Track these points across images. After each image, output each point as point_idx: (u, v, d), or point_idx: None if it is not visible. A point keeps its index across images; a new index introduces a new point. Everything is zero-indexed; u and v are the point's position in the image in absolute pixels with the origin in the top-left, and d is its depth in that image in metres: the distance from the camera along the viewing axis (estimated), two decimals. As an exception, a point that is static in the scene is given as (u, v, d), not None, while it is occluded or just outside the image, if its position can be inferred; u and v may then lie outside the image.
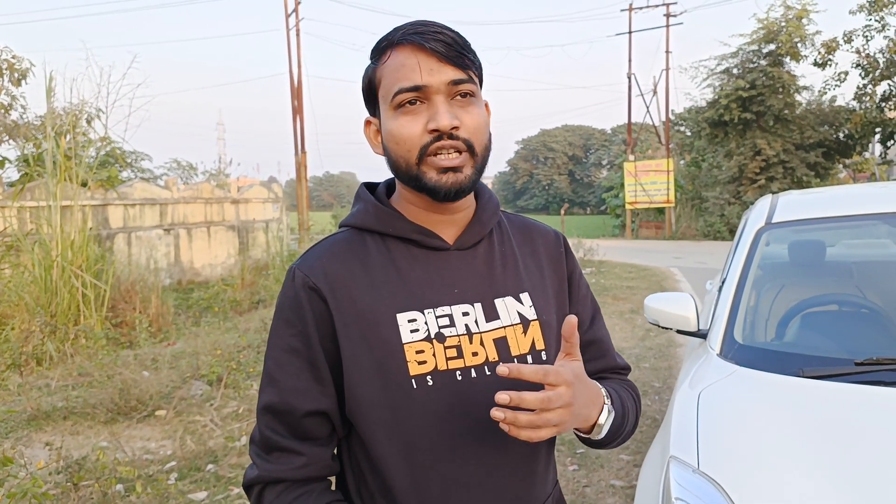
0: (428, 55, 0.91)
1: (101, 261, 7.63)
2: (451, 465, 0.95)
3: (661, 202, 24.01)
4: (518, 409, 0.83)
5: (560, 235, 1.16)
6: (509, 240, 1.08)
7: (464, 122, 0.92)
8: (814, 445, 1.51)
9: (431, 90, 0.91)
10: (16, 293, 6.81)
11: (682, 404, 1.81)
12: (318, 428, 0.97)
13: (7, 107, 12.63)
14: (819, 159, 21.48)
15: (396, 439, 0.94)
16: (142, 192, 12.05)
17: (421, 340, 0.94)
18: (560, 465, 3.67)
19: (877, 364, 1.76)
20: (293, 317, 0.96)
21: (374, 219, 1.00)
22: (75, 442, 4.18)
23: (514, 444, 0.98)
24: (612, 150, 52.31)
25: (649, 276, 11.92)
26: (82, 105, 8.91)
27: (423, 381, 0.93)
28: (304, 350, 0.95)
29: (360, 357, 0.94)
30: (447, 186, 0.92)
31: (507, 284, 1.03)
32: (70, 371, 5.69)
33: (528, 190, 68.21)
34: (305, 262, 0.98)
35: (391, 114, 0.94)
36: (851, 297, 2.36)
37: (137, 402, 4.67)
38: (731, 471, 1.47)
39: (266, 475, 0.95)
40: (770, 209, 2.57)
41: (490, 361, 0.97)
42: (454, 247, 1.00)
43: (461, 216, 1.02)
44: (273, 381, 0.96)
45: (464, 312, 0.98)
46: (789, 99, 21.31)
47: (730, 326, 2.10)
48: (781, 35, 20.63)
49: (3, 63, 12.39)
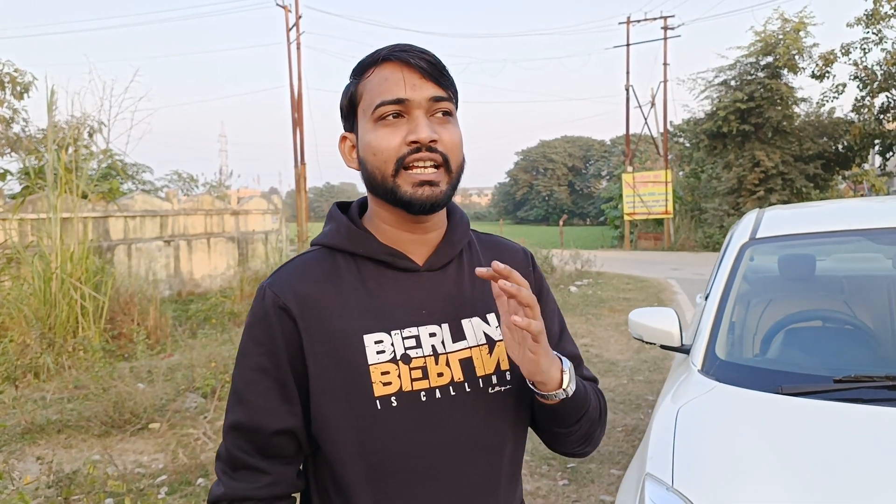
0: (412, 71, 0.94)
1: (101, 273, 7.65)
2: (414, 486, 0.96)
3: (659, 213, 24.04)
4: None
5: (528, 253, 1.18)
6: (479, 259, 1.10)
7: (442, 138, 0.95)
8: (789, 463, 1.52)
9: (413, 104, 0.94)
10: (15, 305, 6.83)
11: (660, 421, 1.83)
12: (284, 447, 0.98)
13: (9, 120, 12.72)
14: (818, 171, 21.51)
15: (360, 459, 0.95)
16: (142, 204, 12.10)
17: (387, 362, 0.95)
18: (550, 480, 3.67)
19: (855, 381, 1.77)
20: (262, 336, 0.97)
21: (346, 239, 1.02)
22: (68, 455, 4.18)
23: (477, 463, 1.00)
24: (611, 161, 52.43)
25: (646, 288, 11.92)
26: (84, 118, 8.99)
27: (387, 402, 0.95)
28: (273, 369, 0.97)
29: (326, 377, 0.95)
30: (422, 199, 0.94)
31: (475, 305, 1.04)
32: (66, 384, 5.70)
33: (528, 201, 68.25)
34: (276, 282, 0.99)
35: (371, 126, 0.96)
36: (836, 313, 2.37)
37: (131, 415, 4.67)
38: (705, 489, 1.48)
39: (231, 493, 0.96)
40: (755, 224, 2.59)
41: (455, 382, 0.99)
42: (424, 268, 1.02)
43: (432, 236, 1.04)
44: (241, 399, 0.98)
45: (431, 333, 0.99)
46: (788, 111, 21.38)
47: (711, 342, 2.11)
48: (779, 47, 20.73)
49: (6, 77, 12.49)
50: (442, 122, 0.96)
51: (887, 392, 1.72)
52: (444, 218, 1.06)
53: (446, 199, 0.97)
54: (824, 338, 2.27)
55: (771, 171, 21.11)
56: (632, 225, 25.58)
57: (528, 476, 3.71)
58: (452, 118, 0.98)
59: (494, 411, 1.02)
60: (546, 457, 4.00)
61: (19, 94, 12.60)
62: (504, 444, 1.03)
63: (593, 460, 3.93)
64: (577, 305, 9.87)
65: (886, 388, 1.73)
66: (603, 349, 6.99)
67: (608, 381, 5.73)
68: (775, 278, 2.77)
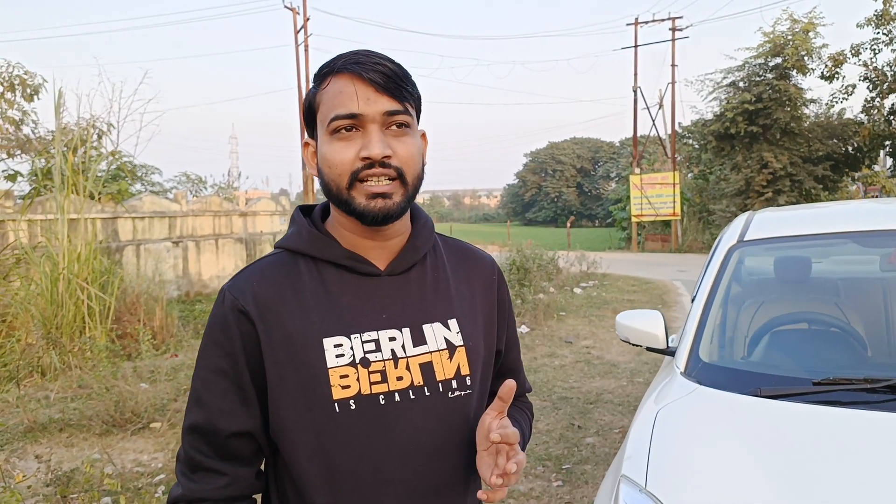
0: (366, 85, 0.94)
1: (108, 273, 7.73)
2: (371, 487, 0.97)
3: (667, 215, 23.95)
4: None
5: (494, 263, 1.19)
6: (443, 264, 1.10)
7: (396, 152, 0.95)
8: (763, 466, 1.52)
9: (367, 119, 0.94)
10: (23, 305, 6.91)
11: (639, 423, 1.83)
12: (242, 448, 0.99)
13: (19, 122, 12.87)
14: (827, 172, 21.35)
15: (318, 461, 0.97)
16: (151, 206, 12.20)
17: (346, 365, 0.96)
18: (544, 481, 3.67)
19: (833, 384, 1.77)
20: (222, 338, 0.98)
21: (308, 243, 1.02)
22: (69, 454, 4.23)
23: (434, 465, 1.01)
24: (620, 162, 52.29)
25: (651, 290, 11.89)
26: (93, 120, 9.08)
27: (345, 405, 0.96)
28: (231, 371, 0.98)
29: (285, 380, 0.96)
30: (375, 211, 0.95)
31: (437, 310, 1.05)
32: (70, 383, 5.77)
33: (537, 202, 68.13)
34: (236, 284, 1.00)
35: (327, 138, 0.96)
36: (823, 315, 2.37)
37: (132, 415, 4.72)
38: (677, 491, 1.49)
39: (189, 494, 0.97)
40: (744, 227, 2.60)
41: (415, 385, 1.00)
42: (385, 272, 1.03)
43: (395, 242, 1.04)
44: (199, 401, 0.99)
45: (391, 338, 1.00)
46: (796, 112, 21.24)
47: (695, 345, 2.12)
48: (788, 48, 20.60)
49: (16, 79, 12.63)
50: (397, 134, 0.96)
51: (865, 395, 1.72)
52: (406, 224, 1.06)
53: (400, 211, 0.97)
54: (809, 340, 2.27)
55: (779, 173, 20.98)
56: (639, 226, 25.50)
57: (521, 477, 3.72)
58: (410, 129, 0.98)
59: (453, 415, 1.03)
60: (541, 458, 4.02)
61: (29, 96, 12.74)
62: (462, 447, 1.04)
63: (588, 461, 3.94)
64: (581, 307, 9.86)
65: (865, 391, 1.73)
66: (604, 351, 6.98)
67: (608, 383, 5.73)
68: (763, 281, 2.78)
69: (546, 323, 8.55)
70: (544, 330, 8.17)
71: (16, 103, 12.74)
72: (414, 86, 1.00)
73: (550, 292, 10.89)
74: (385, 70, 0.95)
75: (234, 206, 14.33)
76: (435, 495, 1.01)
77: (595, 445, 4.23)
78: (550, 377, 5.97)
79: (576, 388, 5.62)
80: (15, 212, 9.29)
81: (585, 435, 4.45)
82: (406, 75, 0.98)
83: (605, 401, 5.22)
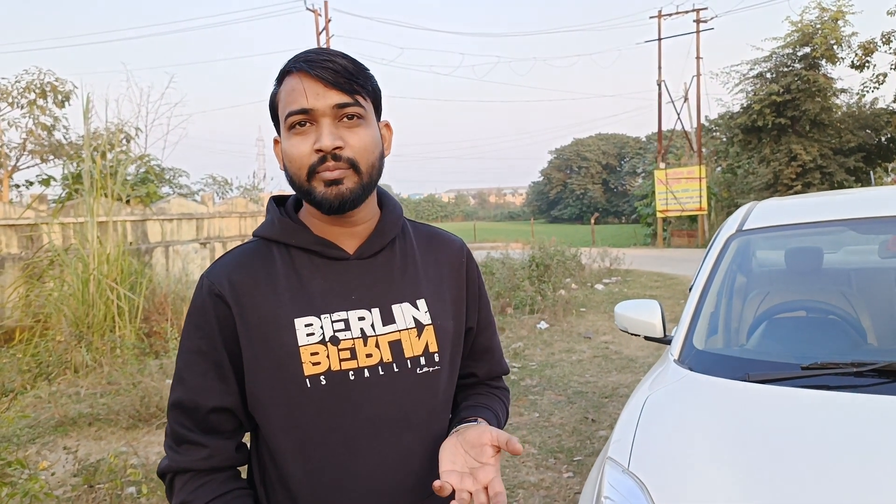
0: (314, 81, 1.00)
1: (137, 274, 7.96)
2: (342, 458, 1.04)
3: (693, 210, 23.65)
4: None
5: (463, 245, 1.24)
6: (412, 248, 1.16)
7: (348, 143, 1.01)
8: (745, 448, 1.55)
9: (318, 113, 1.00)
10: (56, 306, 7.17)
11: (629, 409, 1.87)
12: (222, 423, 1.06)
13: (51, 127, 13.27)
14: (859, 164, 20.87)
15: (292, 433, 1.04)
16: (179, 208, 12.47)
17: (316, 343, 1.03)
18: (555, 473, 3.71)
19: (822, 368, 1.79)
20: (201, 321, 1.06)
21: (280, 231, 1.10)
22: (97, 447, 4.39)
23: (403, 438, 1.08)
24: (646, 158, 51.63)
25: (674, 285, 11.78)
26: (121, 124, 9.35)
27: (316, 380, 1.02)
28: (210, 352, 1.05)
29: (259, 358, 1.04)
30: (330, 199, 1.01)
31: (405, 291, 1.11)
32: (100, 379, 5.97)
33: (562, 200, 67.69)
34: (213, 271, 1.08)
35: (286, 134, 1.03)
36: (820, 303, 2.37)
37: (157, 410, 4.87)
38: (657, 471, 1.53)
39: (175, 465, 1.05)
40: (744, 216, 2.60)
41: (384, 362, 1.06)
42: (354, 256, 1.09)
43: (362, 228, 1.11)
44: (181, 379, 1.06)
45: (360, 317, 1.06)
46: (826, 102, 20.78)
47: (690, 333, 2.14)
48: (816, 38, 20.18)
49: (48, 86, 13.03)
50: (350, 125, 1.02)
51: (853, 378, 1.73)
52: (374, 210, 1.13)
53: (355, 197, 1.03)
54: (804, 327, 2.27)
55: (809, 165, 20.57)
56: (665, 222, 25.22)
57: (532, 468, 3.77)
58: (363, 120, 1.03)
59: (421, 390, 1.09)
60: (553, 450, 4.05)
61: (60, 102, 13.13)
62: (430, 421, 1.10)
63: (599, 453, 3.96)
64: (602, 303, 9.83)
65: (852, 375, 1.74)
66: (623, 346, 6.97)
67: (625, 378, 5.73)
68: (762, 270, 2.78)
69: (565, 319, 8.55)
70: (563, 326, 8.18)
71: (48, 109, 13.14)
72: (367, 79, 1.05)
73: (572, 289, 10.88)
74: (335, 66, 1.01)
75: (260, 208, 14.57)
76: (403, 464, 1.07)
77: (607, 438, 4.24)
78: (567, 372, 5.99)
79: (592, 382, 5.63)
80: (48, 215, 9.61)
81: (599, 428, 4.47)
82: (358, 69, 1.04)
83: (621, 395, 5.22)
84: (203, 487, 1.04)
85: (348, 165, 1.01)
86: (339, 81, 1.00)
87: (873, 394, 1.67)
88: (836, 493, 1.37)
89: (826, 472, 1.43)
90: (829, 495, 1.36)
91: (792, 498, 1.38)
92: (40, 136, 13.21)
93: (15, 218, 8.98)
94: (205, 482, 1.04)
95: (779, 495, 1.39)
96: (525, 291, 9.34)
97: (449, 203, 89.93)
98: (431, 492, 1.11)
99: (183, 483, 1.04)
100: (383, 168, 1.09)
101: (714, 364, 1.97)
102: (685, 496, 1.45)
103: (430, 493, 1.10)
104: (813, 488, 1.39)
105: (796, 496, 1.38)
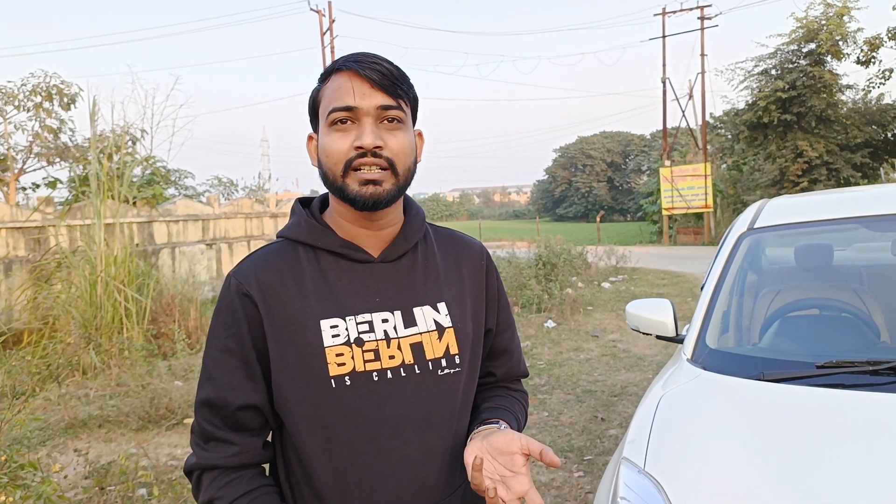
0: (362, 81, 1.02)
1: (144, 275, 7.98)
2: (367, 456, 1.05)
3: (698, 207, 23.57)
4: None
5: (483, 248, 1.26)
6: (434, 252, 1.18)
7: (388, 144, 1.03)
8: (760, 447, 1.54)
9: (361, 112, 1.02)
10: (64, 308, 7.20)
11: (643, 409, 1.86)
12: (250, 420, 1.07)
13: (57, 130, 13.33)
14: (866, 159, 20.78)
15: (318, 432, 1.05)
16: (185, 209, 12.50)
17: (341, 344, 1.04)
18: (566, 472, 3.70)
19: (837, 367, 1.77)
20: (229, 320, 1.07)
21: (306, 232, 1.11)
22: (107, 449, 4.41)
23: (425, 438, 1.08)
24: (651, 155, 51.52)
25: (681, 283, 11.75)
26: (127, 126, 9.37)
27: (341, 381, 1.04)
28: (238, 350, 1.06)
29: (286, 358, 1.05)
30: (365, 197, 1.03)
31: (427, 294, 1.12)
32: (109, 381, 5.99)
33: (567, 198, 67.56)
34: (241, 271, 1.09)
35: (326, 130, 1.05)
36: (834, 301, 2.36)
37: (167, 411, 4.89)
38: (673, 471, 1.52)
39: (203, 462, 1.06)
40: (755, 214, 2.59)
41: (406, 364, 1.07)
42: (378, 259, 1.11)
43: (388, 231, 1.12)
44: (210, 377, 1.07)
45: (383, 319, 1.08)
46: (832, 99, 20.69)
47: (702, 332, 2.13)
48: (822, 33, 20.09)
49: (54, 88, 13.09)
50: (390, 128, 1.04)
51: (868, 377, 1.72)
52: (399, 214, 1.14)
53: (390, 198, 1.05)
54: (818, 326, 2.26)
55: (815, 162, 20.49)
56: (671, 220, 25.15)
57: (543, 468, 3.76)
58: (402, 125, 1.05)
59: (442, 391, 1.10)
60: (563, 449, 4.04)
61: (66, 105, 13.18)
62: (451, 421, 1.11)
63: (610, 453, 3.95)
64: (609, 301, 9.81)
65: (868, 374, 1.73)
66: (631, 344, 6.95)
67: (634, 376, 5.72)
68: (774, 268, 2.77)
69: (573, 317, 8.54)
70: (571, 324, 8.17)
71: (54, 112, 13.20)
72: (410, 87, 1.08)
73: (578, 287, 10.86)
74: (381, 69, 1.03)
75: (265, 208, 14.60)
76: (426, 464, 1.08)
77: (618, 437, 4.24)
78: (576, 371, 5.98)
79: (601, 381, 5.62)
80: (55, 217, 9.65)
81: (608, 427, 4.46)
82: (402, 75, 1.07)
83: (630, 393, 5.21)
84: (231, 484, 1.04)
85: (387, 165, 1.03)
86: (385, 84, 1.03)
87: (890, 392, 1.65)
88: (855, 493, 1.36)
89: (845, 470, 1.42)
90: (848, 494, 1.36)
91: (811, 498, 1.37)
92: (47, 139, 13.27)
93: (22, 221, 9.02)
94: (233, 479, 1.05)
95: (798, 495, 1.38)
96: (532, 290, 9.33)
97: (454, 202, 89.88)
98: (453, 490, 1.12)
99: (211, 480, 1.05)
100: (415, 174, 1.10)
101: (728, 363, 1.96)
102: (702, 496, 1.44)
103: (452, 491, 1.11)
104: (832, 488, 1.38)
105: (815, 496, 1.37)
